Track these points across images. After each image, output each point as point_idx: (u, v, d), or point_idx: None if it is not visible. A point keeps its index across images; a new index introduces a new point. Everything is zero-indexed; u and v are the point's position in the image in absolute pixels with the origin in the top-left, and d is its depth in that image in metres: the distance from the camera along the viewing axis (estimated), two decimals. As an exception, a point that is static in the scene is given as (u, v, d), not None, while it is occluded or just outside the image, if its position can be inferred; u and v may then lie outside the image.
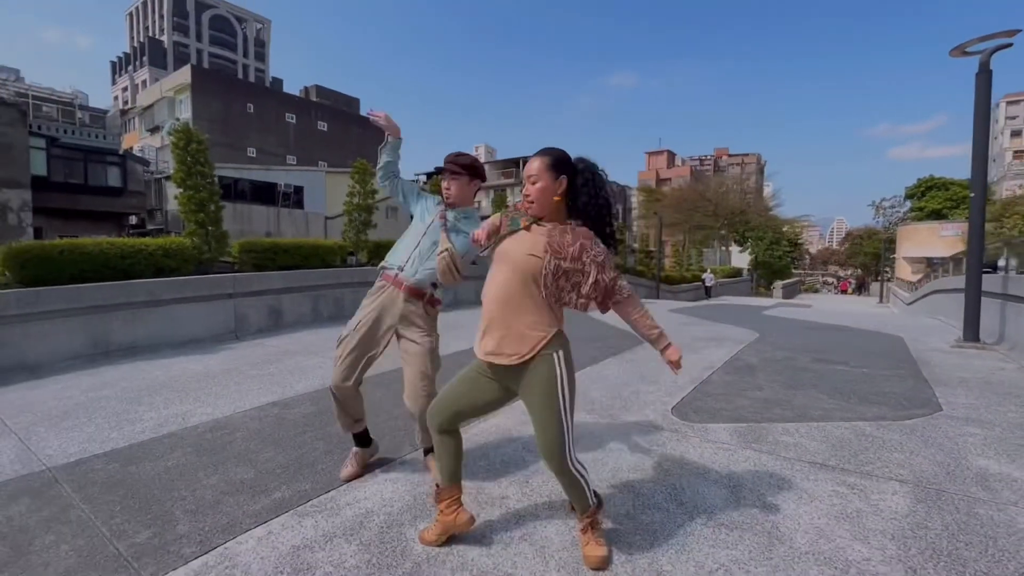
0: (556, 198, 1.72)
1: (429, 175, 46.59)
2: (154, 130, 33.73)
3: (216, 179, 7.04)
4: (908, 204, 42.77)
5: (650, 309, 1.97)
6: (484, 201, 45.01)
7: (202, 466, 2.66)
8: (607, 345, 5.95)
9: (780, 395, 3.83)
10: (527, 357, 1.71)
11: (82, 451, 2.90)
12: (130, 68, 66.20)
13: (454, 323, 4.69)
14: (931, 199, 39.05)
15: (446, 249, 2.26)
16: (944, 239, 31.42)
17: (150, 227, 23.88)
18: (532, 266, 1.69)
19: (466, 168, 2.38)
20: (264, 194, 23.76)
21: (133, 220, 23.50)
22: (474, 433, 3.07)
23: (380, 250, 9.01)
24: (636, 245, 36.51)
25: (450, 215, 2.39)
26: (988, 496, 2.28)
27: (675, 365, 1.80)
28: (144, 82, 60.17)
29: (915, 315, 13.51)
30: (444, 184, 2.41)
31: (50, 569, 1.83)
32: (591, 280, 1.68)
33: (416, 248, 2.38)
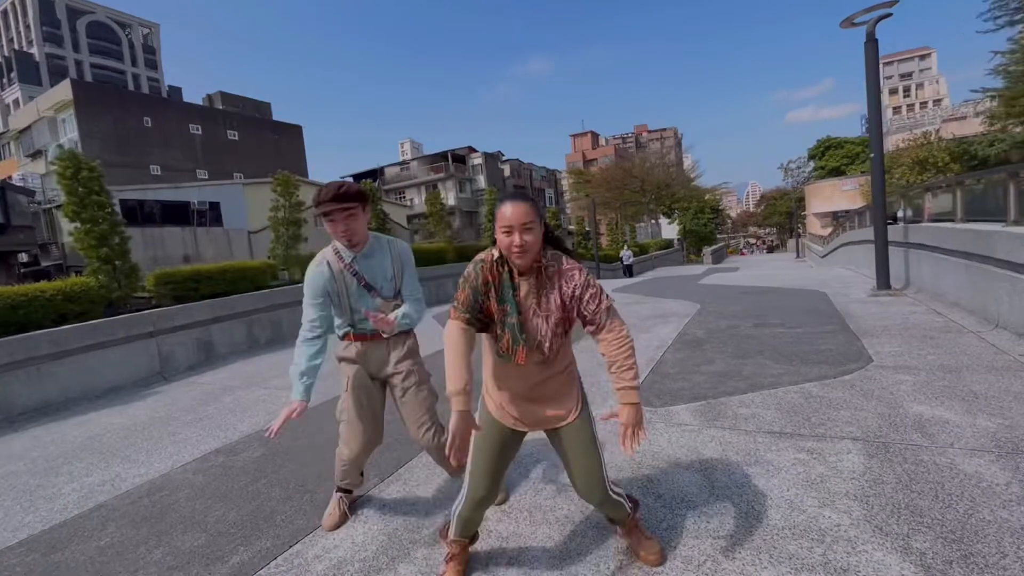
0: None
1: (355, 178, 45.03)
2: (35, 155, 30.26)
3: (116, 208, 6.35)
4: (812, 164, 46.30)
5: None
6: (416, 198, 44.15)
7: (142, 540, 2.38)
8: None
9: (731, 366, 3.99)
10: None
11: (-9, 545, 2.51)
12: (-4, 87, 58.80)
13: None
14: (830, 158, 42.48)
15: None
16: (845, 193, 34.42)
17: (46, 263, 21.47)
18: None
19: (359, 197, 2.04)
20: (176, 214, 21.95)
21: (24, 258, 21.01)
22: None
23: (314, 264, 8.49)
24: (573, 227, 37.13)
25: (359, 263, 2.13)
26: (927, 442, 2.46)
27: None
28: (16, 102, 53.65)
29: (830, 267, 14.67)
30: (341, 229, 2.01)
31: None
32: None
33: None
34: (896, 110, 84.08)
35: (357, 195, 2.02)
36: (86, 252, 6.03)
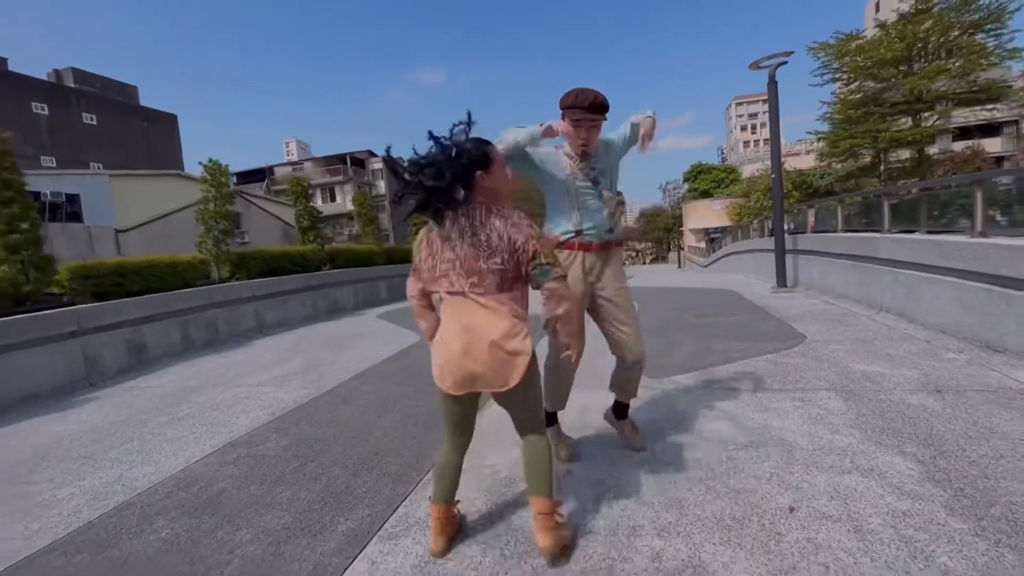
0: None
1: (253, 173, 41.35)
2: None
3: (27, 188, 5.42)
4: (686, 186, 52.07)
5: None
6: (319, 201, 41.61)
7: (213, 527, 2.26)
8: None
9: (701, 346, 4.65)
10: None
11: (11, 555, 2.20)
12: None
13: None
14: (701, 181, 48.19)
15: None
16: (715, 212, 39.32)
17: None
18: None
19: (606, 111, 2.22)
20: (21, 207, 18.44)
21: None
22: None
23: (246, 262, 7.89)
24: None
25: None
26: (877, 387, 3.23)
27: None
28: None
29: (718, 274, 16.80)
30: (582, 136, 2.21)
31: None
32: None
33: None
34: (746, 144, 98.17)
35: (606, 109, 2.20)
36: (-16, 239, 5.06)
